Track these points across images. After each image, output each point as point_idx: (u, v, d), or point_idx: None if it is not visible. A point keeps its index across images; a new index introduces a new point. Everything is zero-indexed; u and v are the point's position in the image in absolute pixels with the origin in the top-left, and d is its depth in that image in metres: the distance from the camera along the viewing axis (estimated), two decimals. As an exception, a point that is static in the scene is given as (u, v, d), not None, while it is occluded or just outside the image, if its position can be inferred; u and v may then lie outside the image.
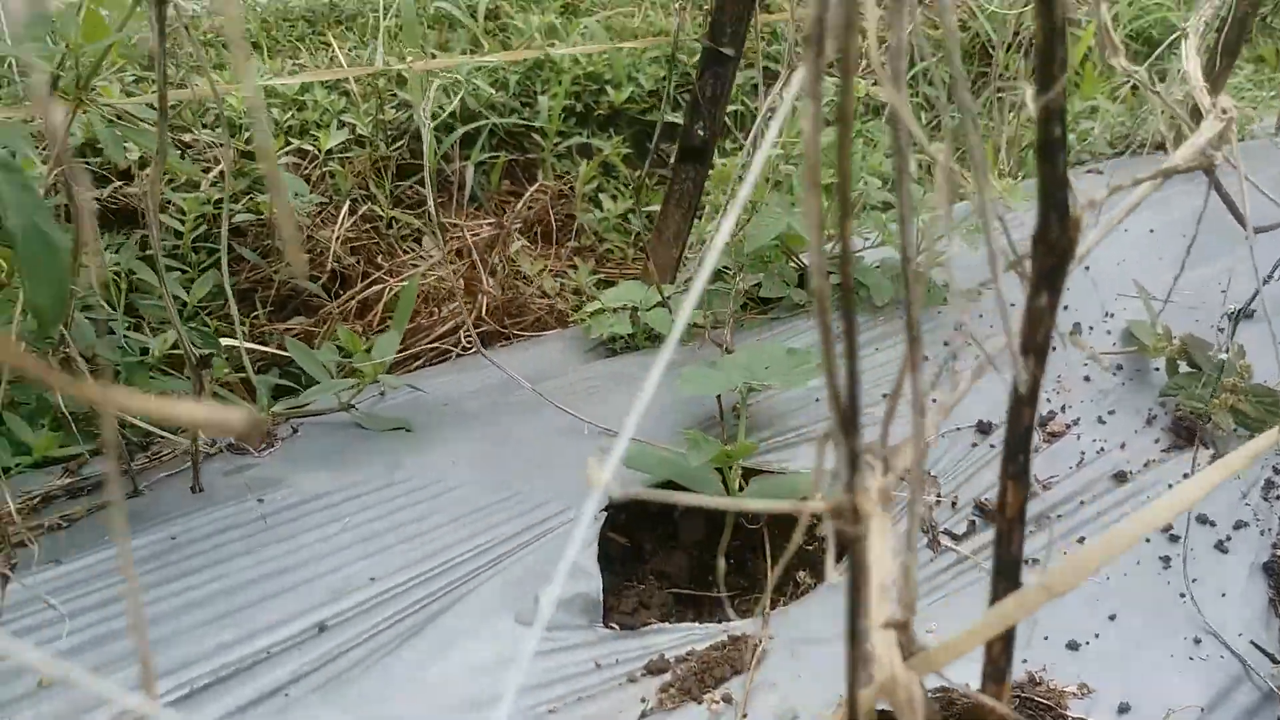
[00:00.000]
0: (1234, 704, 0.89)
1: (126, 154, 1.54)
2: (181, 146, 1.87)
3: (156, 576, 0.91)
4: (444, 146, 2.12)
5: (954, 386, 0.47)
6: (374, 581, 0.91)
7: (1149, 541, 1.04)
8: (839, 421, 0.36)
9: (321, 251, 1.81)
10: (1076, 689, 0.88)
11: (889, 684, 0.35)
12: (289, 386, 1.35)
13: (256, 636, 0.84)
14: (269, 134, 1.67)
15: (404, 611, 0.87)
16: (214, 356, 1.41)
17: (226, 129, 1.45)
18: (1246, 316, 1.33)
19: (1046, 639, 0.92)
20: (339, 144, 2.01)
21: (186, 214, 1.67)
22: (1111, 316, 1.39)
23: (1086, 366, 1.29)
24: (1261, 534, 1.08)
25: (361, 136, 2.09)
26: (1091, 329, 1.37)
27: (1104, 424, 1.19)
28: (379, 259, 1.81)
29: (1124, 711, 0.86)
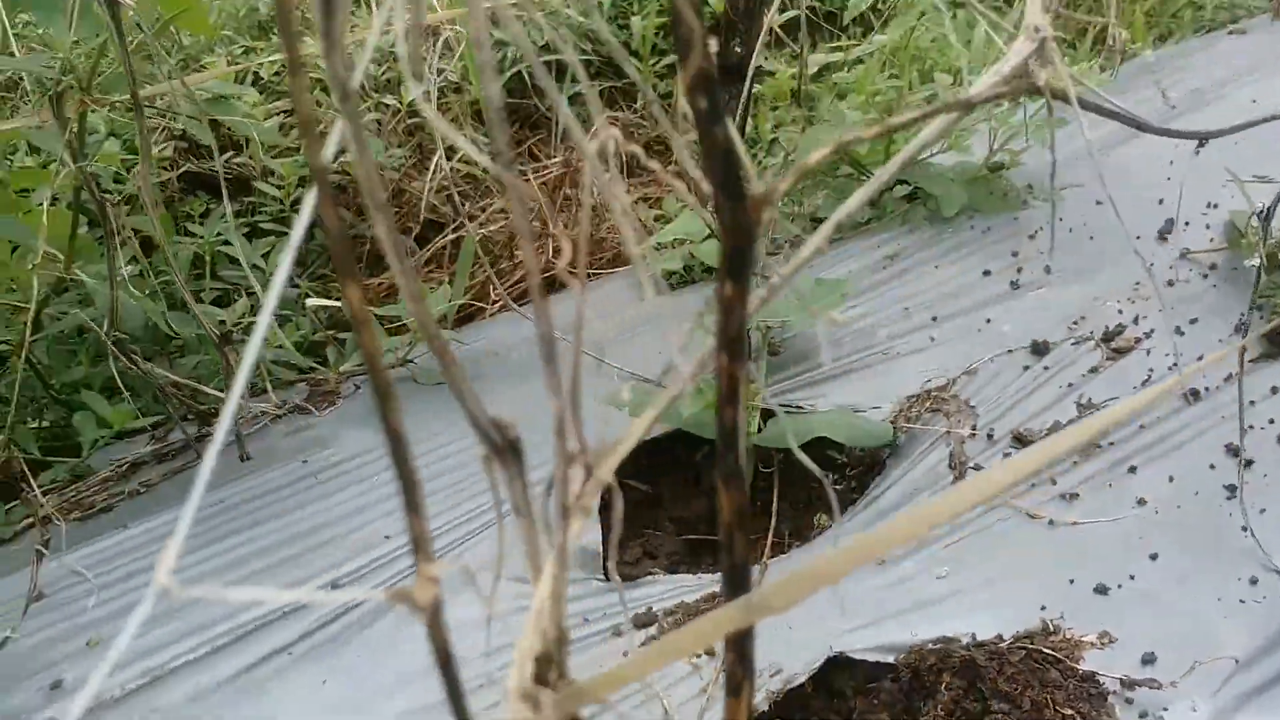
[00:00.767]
0: (1287, 652, 0.79)
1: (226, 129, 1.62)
2: (283, 114, 1.94)
3: (199, 540, 0.98)
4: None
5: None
6: (388, 539, 0.94)
7: (1213, 469, 0.93)
8: (404, 497, 0.33)
9: (414, 203, 1.84)
10: (1096, 638, 0.80)
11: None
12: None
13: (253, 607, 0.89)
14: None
15: (411, 568, 0.90)
16: (289, 320, 1.48)
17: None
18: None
19: (1072, 583, 0.85)
20: (432, 91, 2.03)
21: (285, 179, 1.74)
22: (1215, 208, 1.23)
23: (1172, 269, 1.16)
24: (1360, 453, 0.95)
25: (455, 83, 2.10)
26: (1188, 224, 1.22)
27: (1182, 335, 1.07)
28: (466, 206, 1.83)
29: (1147, 663, 0.78)
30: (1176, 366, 1.03)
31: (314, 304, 1.43)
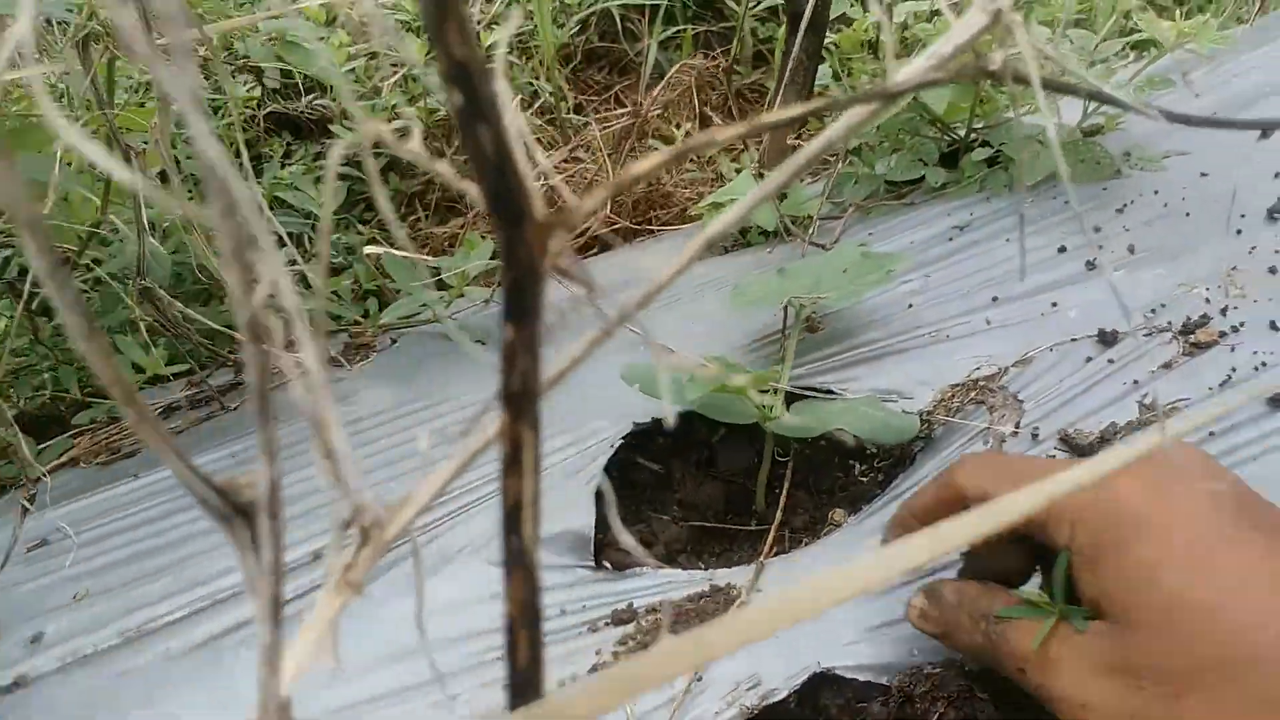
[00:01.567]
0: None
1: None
2: (369, 56, 1.92)
3: (178, 504, 0.96)
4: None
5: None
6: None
7: None
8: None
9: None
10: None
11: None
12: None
13: (232, 573, 0.87)
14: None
15: (415, 531, 0.86)
16: (347, 268, 1.46)
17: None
18: None
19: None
20: (516, 34, 1.98)
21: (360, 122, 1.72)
22: (1342, 183, 1.07)
23: (1279, 254, 1.01)
24: None
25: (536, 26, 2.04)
26: (1306, 202, 1.06)
27: (1277, 330, 0.93)
28: (540, 154, 1.77)
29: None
30: (1264, 367, 0.90)
31: (371, 251, 1.39)
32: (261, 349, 0.26)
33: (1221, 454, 0.83)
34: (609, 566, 0.85)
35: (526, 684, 0.34)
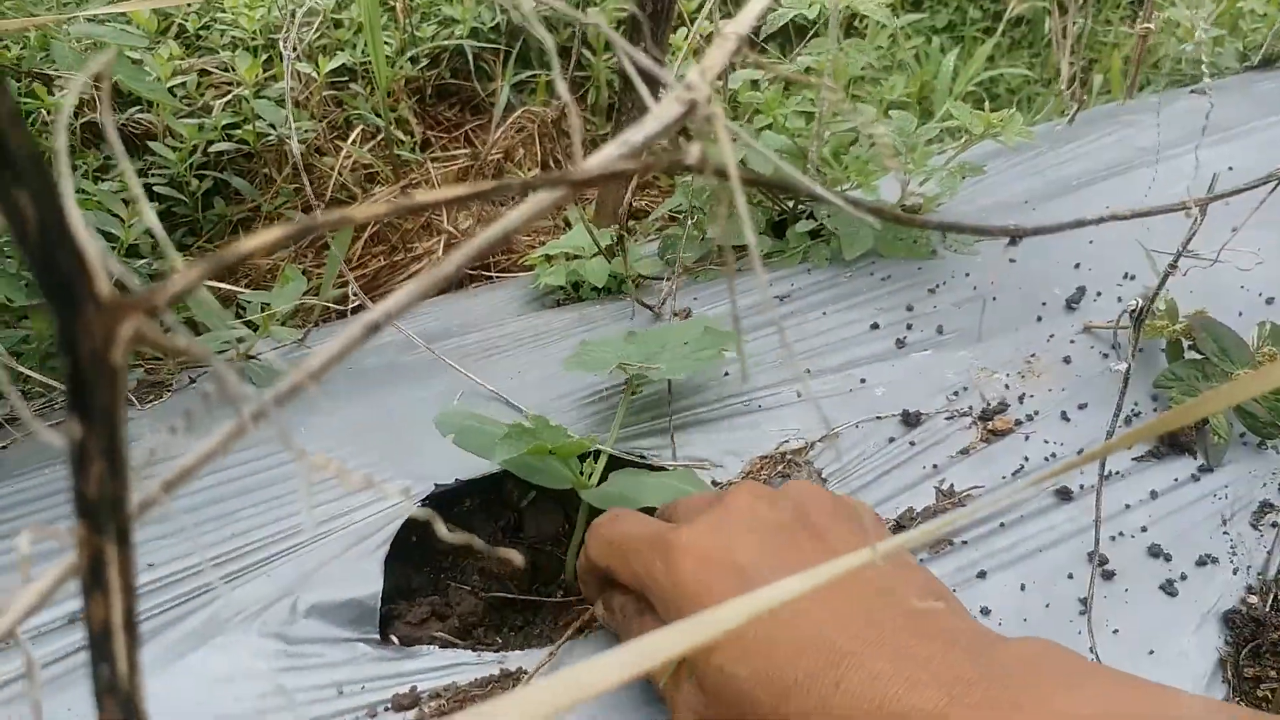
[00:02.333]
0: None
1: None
2: (201, 73, 1.82)
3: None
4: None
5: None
6: (151, 568, 0.83)
7: (1071, 579, 0.83)
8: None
9: (324, 179, 1.73)
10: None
11: None
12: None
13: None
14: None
15: (157, 608, 0.79)
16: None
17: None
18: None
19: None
20: (360, 62, 1.92)
21: (185, 141, 1.62)
22: (1132, 279, 1.13)
23: (1074, 344, 1.05)
24: (1235, 573, 0.85)
25: (389, 56, 1.98)
26: (1100, 294, 1.11)
27: (1068, 421, 0.97)
28: (375, 188, 1.72)
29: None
30: (1054, 458, 0.93)
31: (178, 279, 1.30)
32: None
33: (1009, 545, 0.86)
34: (395, 641, 0.80)
35: None
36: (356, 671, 0.75)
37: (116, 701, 0.27)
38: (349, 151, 1.71)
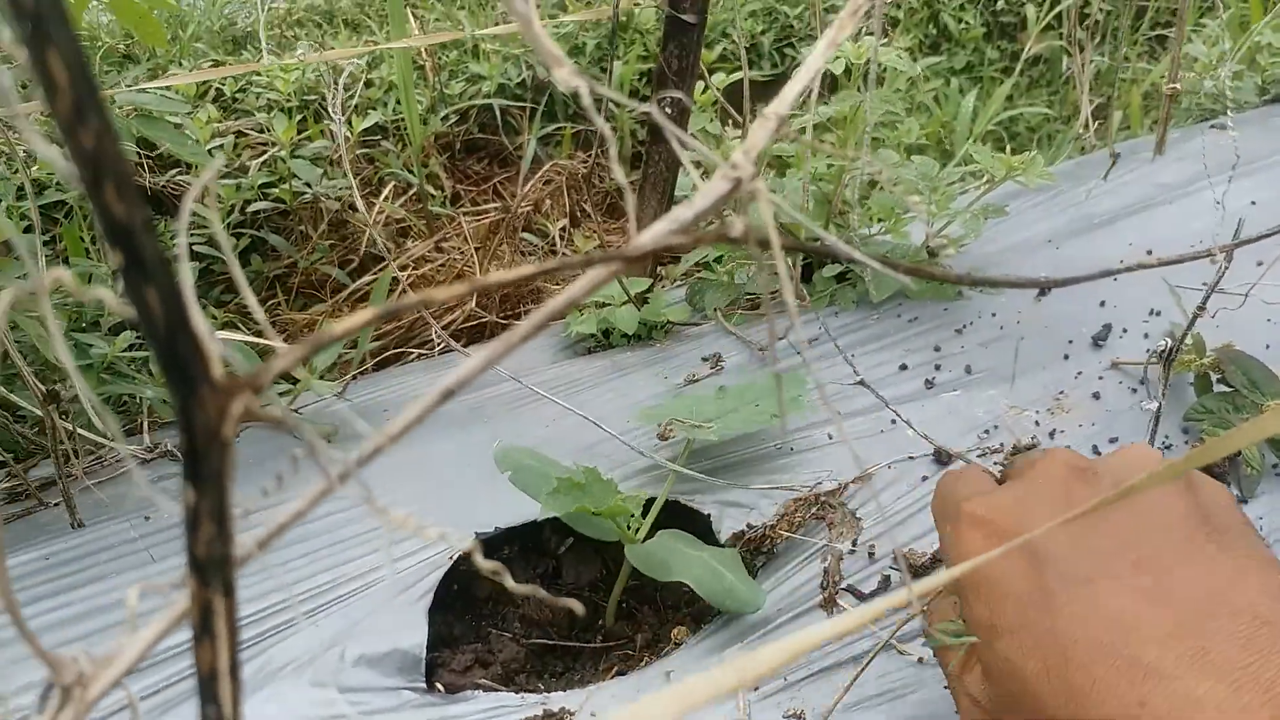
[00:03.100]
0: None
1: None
2: (238, 135, 1.87)
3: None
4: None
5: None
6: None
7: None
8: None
9: (359, 235, 1.77)
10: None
11: None
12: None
13: (31, 689, 0.80)
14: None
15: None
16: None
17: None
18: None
19: (929, 737, 0.75)
20: (395, 118, 1.97)
21: (224, 200, 1.67)
22: (1158, 315, 1.14)
23: (1102, 380, 1.06)
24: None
25: (422, 115, 2.03)
26: (1126, 331, 1.12)
27: (1099, 455, 0.97)
28: (408, 242, 1.75)
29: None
30: (1087, 492, 0.93)
31: (222, 336, 1.33)
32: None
33: (1044, 578, 0.86)
34: (440, 689, 0.81)
35: None
36: (404, 718, 0.77)
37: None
38: (381, 207, 1.75)
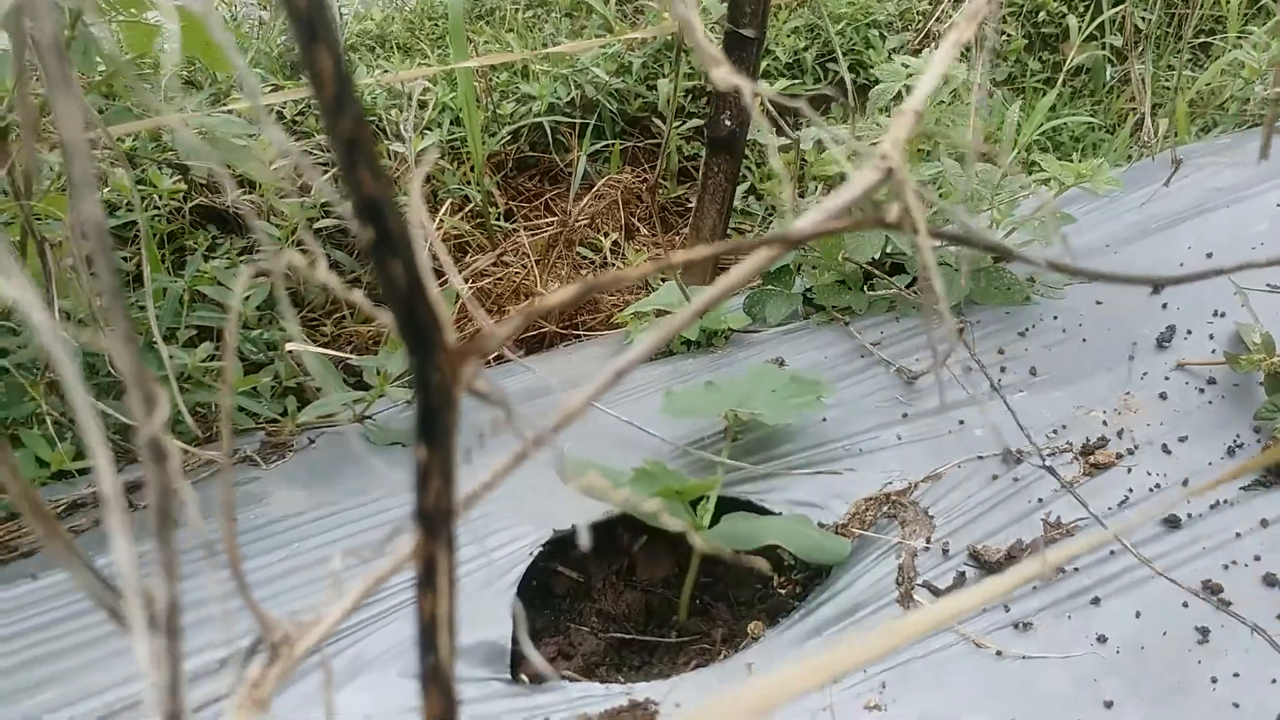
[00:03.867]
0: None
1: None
2: (316, 150, 1.92)
3: (76, 608, 0.91)
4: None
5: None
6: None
7: (1186, 607, 0.84)
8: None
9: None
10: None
11: None
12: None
13: (131, 682, 0.82)
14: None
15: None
16: (269, 363, 1.44)
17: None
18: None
19: (1012, 727, 0.76)
20: (450, 139, 2.01)
21: (288, 219, 1.71)
22: (1221, 316, 1.14)
23: (1168, 380, 1.06)
24: (1354, 601, 0.85)
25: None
26: (1190, 333, 1.12)
27: (1169, 454, 0.97)
28: (466, 257, 1.79)
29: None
30: (1159, 489, 0.93)
31: (293, 348, 1.37)
32: (162, 469, 0.26)
33: (1120, 572, 0.86)
34: (526, 679, 0.83)
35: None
36: (493, 707, 0.78)
37: (438, 686, 0.31)
38: (441, 220, 1.79)
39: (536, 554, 0.91)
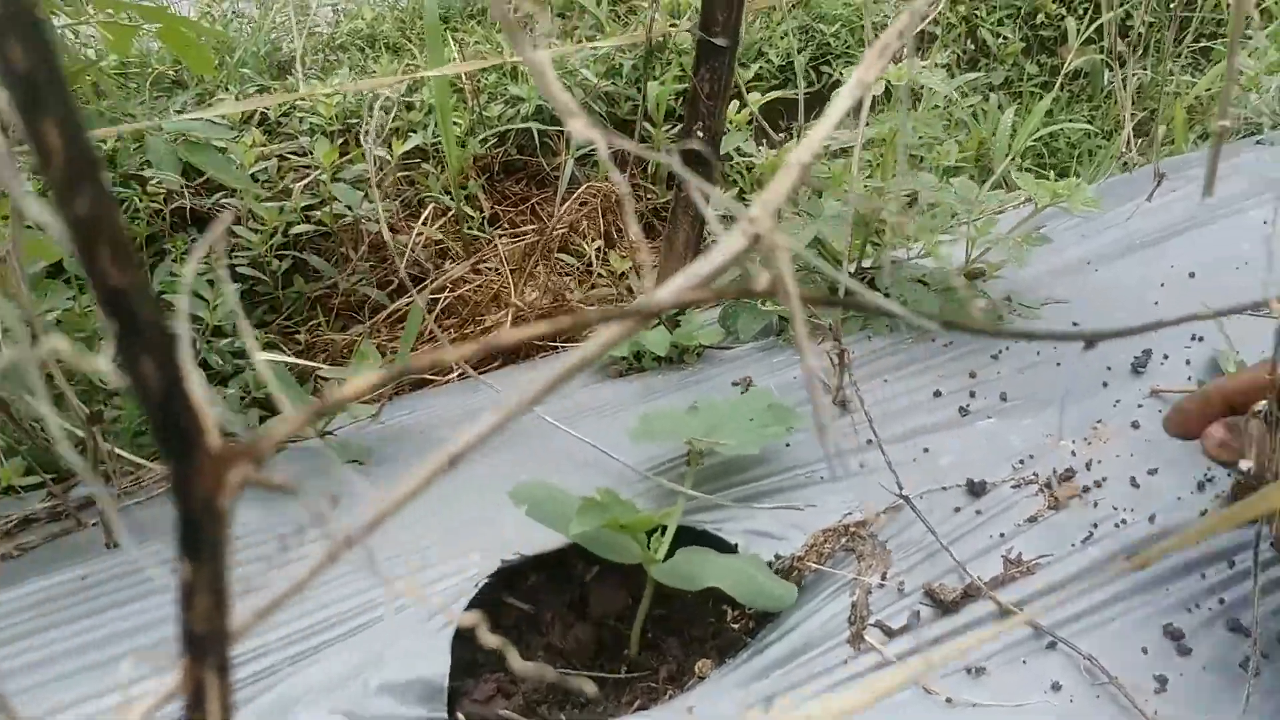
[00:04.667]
0: None
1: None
2: (281, 158, 1.90)
3: (52, 619, 0.90)
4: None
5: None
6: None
7: (1145, 653, 0.80)
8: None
9: (396, 256, 1.78)
10: None
11: None
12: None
13: (61, 712, 0.80)
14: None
15: (236, 684, 0.81)
16: (239, 373, 1.42)
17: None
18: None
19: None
20: (432, 143, 1.98)
21: (266, 224, 1.68)
22: (1200, 340, 1.10)
23: (1141, 408, 1.03)
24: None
25: (460, 137, 2.04)
26: (1167, 358, 1.09)
27: (1137, 488, 0.94)
28: (446, 263, 1.76)
29: None
30: (1124, 524, 0.90)
31: (261, 358, 1.34)
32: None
33: (1079, 614, 0.83)
34: (462, 719, 0.80)
35: None
36: (425, 750, 0.76)
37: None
38: (420, 230, 1.76)
39: (482, 585, 0.88)
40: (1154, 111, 2.41)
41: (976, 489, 0.95)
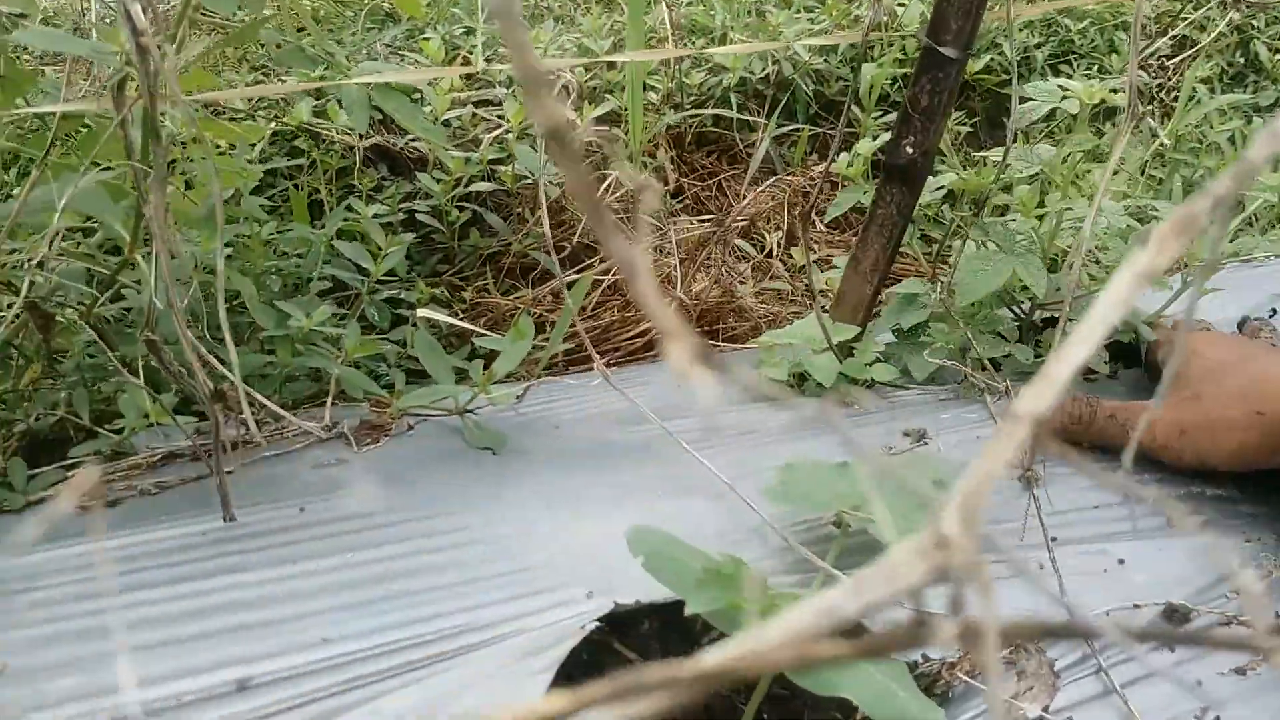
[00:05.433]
0: None
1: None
2: (476, 105, 1.86)
3: (132, 581, 0.87)
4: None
5: None
6: (326, 643, 0.80)
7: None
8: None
9: (572, 223, 1.72)
10: None
11: None
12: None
13: (178, 678, 0.78)
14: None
15: (320, 692, 0.76)
16: (402, 323, 1.39)
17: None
18: None
19: None
20: (624, 108, 1.90)
21: (450, 174, 1.64)
22: None
23: None
24: None
25: (653, 103, 1.96)
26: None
27: None
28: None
29: None
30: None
31: (423, 314, 1.29)
32: None
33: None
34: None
35: None
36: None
37: None
38: (599, 198, 1.68)
39: (590, 629, 0.80)
40: None
41: (1176, 616, 0.79)
